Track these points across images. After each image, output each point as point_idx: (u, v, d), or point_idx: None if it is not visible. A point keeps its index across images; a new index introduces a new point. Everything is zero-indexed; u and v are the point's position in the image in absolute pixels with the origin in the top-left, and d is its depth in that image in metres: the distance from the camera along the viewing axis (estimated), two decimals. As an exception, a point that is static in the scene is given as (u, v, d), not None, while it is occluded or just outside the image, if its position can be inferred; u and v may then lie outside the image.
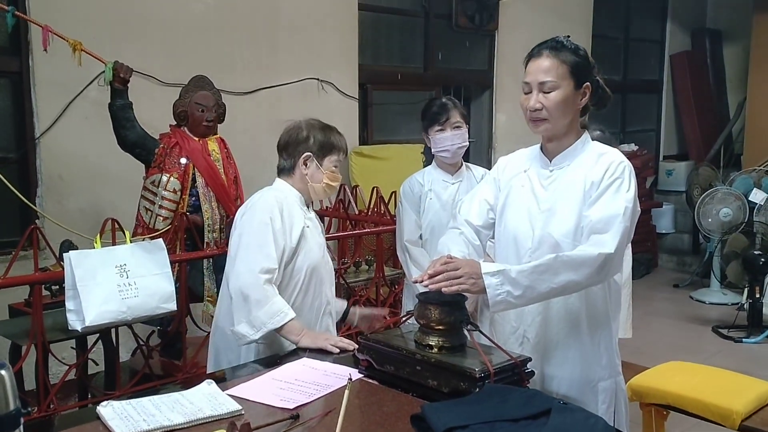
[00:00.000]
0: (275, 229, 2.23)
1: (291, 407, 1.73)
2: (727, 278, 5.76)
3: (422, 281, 1.82)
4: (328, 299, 2.43)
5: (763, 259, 5.17)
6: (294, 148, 2.38)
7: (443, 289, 1.77)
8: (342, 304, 2.61)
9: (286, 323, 2.16)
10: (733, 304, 5.87)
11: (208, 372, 2.33)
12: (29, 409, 1.28)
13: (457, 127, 2.86)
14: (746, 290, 5.41)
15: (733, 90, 8.27)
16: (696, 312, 5.88)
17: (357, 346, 2.02)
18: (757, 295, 5.23)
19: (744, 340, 5.10)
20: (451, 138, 2.87)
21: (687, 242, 7.56)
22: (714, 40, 8.28)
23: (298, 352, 2.15)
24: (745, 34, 7.46)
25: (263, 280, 2.16)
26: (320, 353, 2.13)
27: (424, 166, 3.16)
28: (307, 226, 2.35)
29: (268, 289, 2.17)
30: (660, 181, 7.84)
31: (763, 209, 5.58)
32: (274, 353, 2.23)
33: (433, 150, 2.95)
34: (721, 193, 5.83)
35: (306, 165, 2.35)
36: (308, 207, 2.42)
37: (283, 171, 2.41)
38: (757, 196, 5.80)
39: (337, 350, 2.12)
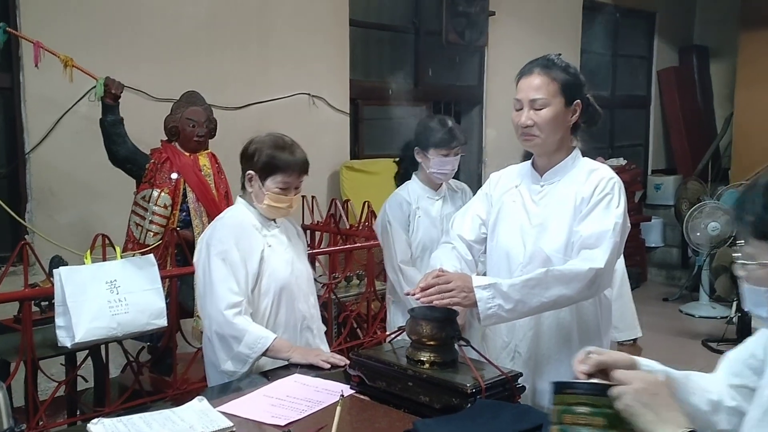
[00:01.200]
0: (233, 261, 2.19)
1: (282, 424, 1.73)
2: (716, 292, 5.79)
3: (414, 294, 1.83)
4: (304, 314, 2.36)
5: (751, 273, 5.20)
6: (244, 165, 2.33)
7: (435, 302, 1.79)
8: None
9: (269, 347, 2.15)
10: (722, 317, 5.88)
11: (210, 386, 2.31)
12: (22, 426, 1.28)
13: (457, 153, 2.88)
14: (735, 304, 5.44)
15: (720, 105, 8.35)
16: (685, 326, 5.91)
17: (348, 362, 2.02)
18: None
19: (733, 353, 5.12)
20: (452, 163, 2.86)
21: (676, 256, 7.59)
22: (701, 57, 8.37)
23: (289, 368, 2.15)
24: (732, 50, 7.55)
25: (232, 315, 2.15)
26: (312, 369, 2.13)
27: (399, 179, 3.14)
28: (269, 246, 2.29)
29: (240, 322, 2.16)
30: (648, 196, 7.89)
31: (750, 223, 5.62)
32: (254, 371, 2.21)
33: (429, 170, 2.90)
34: (709, 207, 5.87)
35: (251, 183, 2.31)
36: (275, 221, 2.36)
37: (243, 187, 2.38)
38: (744, 210, 5.85)
39: (328, 366, 2.12)
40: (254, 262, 2.23)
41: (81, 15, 3.84)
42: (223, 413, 1.76)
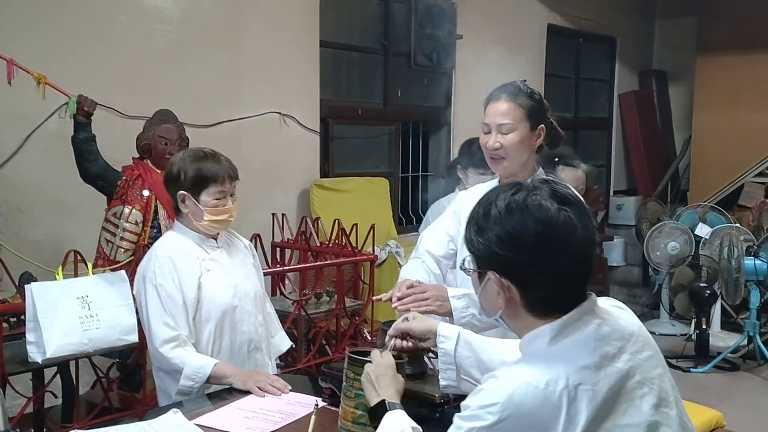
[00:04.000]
0: (168, 294, 2.16)
1: (257, 435, 1.76)
2: (675, 310, 5.95)
3: (388, 300, 1.90)
4: (250, 337, 2.33)
5: (708, 291, 5.36)
6: (171, 188, 2.26)
7: (412, 309, 1.87)
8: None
9: (210, 374, 2.13)
10: (681, 335, 6.04)
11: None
12: (17, 430, 1.32)
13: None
14: (693, 321, 5.59)
15: (678, 128, 8.61)
16: (646, 342, 6.03)
17: (289, 388, 2.08)
18: (704, 326, 5.41)
19: (692, 369, 5.26)
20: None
21: (637, 275, 7.76)
22: (660, 81, 8.64)
23: (232, 392, 2.14)
24: (689, 75, 7.80)
25: (169, 350, 2.14)
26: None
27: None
28: (207, 270, 2.24)
29: (178, 355, 2.14)
30: (610, 216, 8.07)
31: (708, 243, 5.80)
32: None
33: (468, 185, 3.37)
34: (668, 227, 6.04)
35: (185, 204, 2.24)
36: (216, 239, 2.31)
37: (176, 211, 2.30)
38: (702, 230, 6.03)
39: (263, 395, 2.06)
40: (192, 291, 2.20)
41: (53, 32, 3.85)
42: (199, 426, 1.80)
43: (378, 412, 1.50)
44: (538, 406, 1.19)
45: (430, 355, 1.89)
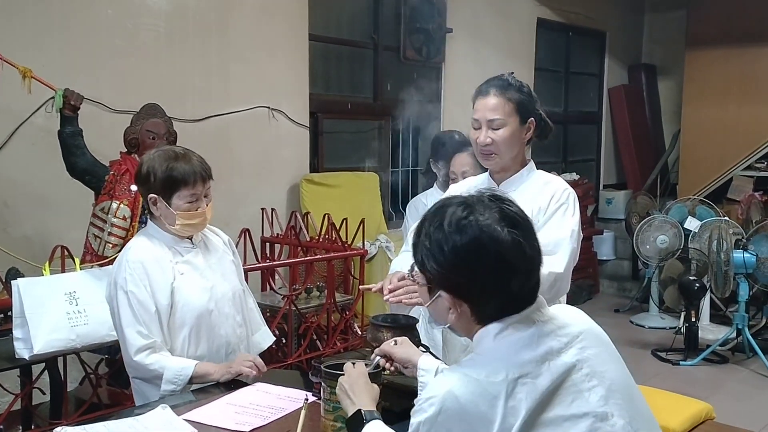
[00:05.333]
0: (140, 301, 2.09)
1: (246, 430, 1.76)
2: (664, 303, 5.97)
3: (377, 291, 1.90)
4: (228, 340, 2.25)
5: (697, 285, 5.38)
6: (141, 189, 2.18)
7: (404, 301, 1.86)
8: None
9: (192, 375, 2.10)
10: (671, 328, 6.06)
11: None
12: (1, 427, 1.30)
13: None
14: (683, 315, 5.62)
15: (668, 122, 8.63)
16: (636, 336, 6.07)
17: (264, 370, 2.10)
18: (693, 319, 5.43)
19: (681, 362, 5.28)
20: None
21: (627, 268, 7.79)
22: (649, 75, 8.65)
23: (219, 386, 2.13)
24: (679, 69, 7.82)
25: (145, 357, 2.09)
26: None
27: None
28: (181, 274, 2.16)
29: (156, 360, 2.09)
30: (600, 209, 8.09)
31: (697, 236, 5.82)
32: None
33: (441, 178, 3.47)
34: (657, 221, 6.06)
35: (156, 206, 2.15)
36: (191, 239, 2.23)
37: (150, 212, 2.21)
38: (691, 223, 6.05)
39: (254, 372, 2.09)
40: (164, 297, 2.12)
41: (38, 25, 3.80)
42: (187, 421, 1.78)
43: (355, 422, 1.51)
44: (476, 397, 1.24)
45: (421, 348, 1.88)
